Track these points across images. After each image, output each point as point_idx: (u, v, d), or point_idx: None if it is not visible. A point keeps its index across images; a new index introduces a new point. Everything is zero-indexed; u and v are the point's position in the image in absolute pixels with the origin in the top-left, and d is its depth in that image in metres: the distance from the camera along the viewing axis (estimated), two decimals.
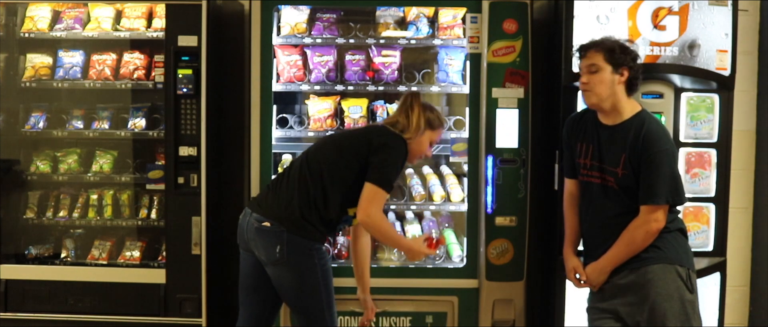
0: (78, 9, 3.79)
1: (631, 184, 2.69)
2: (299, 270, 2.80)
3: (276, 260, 2.77)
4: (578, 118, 2.96)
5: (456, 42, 3.65)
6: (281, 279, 2.82)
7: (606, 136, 2.77)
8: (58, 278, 3.64)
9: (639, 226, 2.67)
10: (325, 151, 2.88)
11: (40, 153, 3.89)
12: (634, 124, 2.71)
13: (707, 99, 3.44)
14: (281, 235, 2.76)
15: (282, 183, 2.88)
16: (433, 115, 2.97)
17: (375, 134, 2.87)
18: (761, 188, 3.95)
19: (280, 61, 3.66)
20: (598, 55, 2.71)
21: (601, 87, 2.71)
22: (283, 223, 2.77)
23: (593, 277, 2.81)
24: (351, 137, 2.96)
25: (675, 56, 3.35)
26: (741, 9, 3.47)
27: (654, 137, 2.66)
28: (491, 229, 3.52)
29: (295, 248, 2.78)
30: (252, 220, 2.83)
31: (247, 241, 2.87)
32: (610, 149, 2.74)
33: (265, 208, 2.84)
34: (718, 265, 3.48)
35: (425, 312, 3.60)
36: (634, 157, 2.67)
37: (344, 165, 2.82)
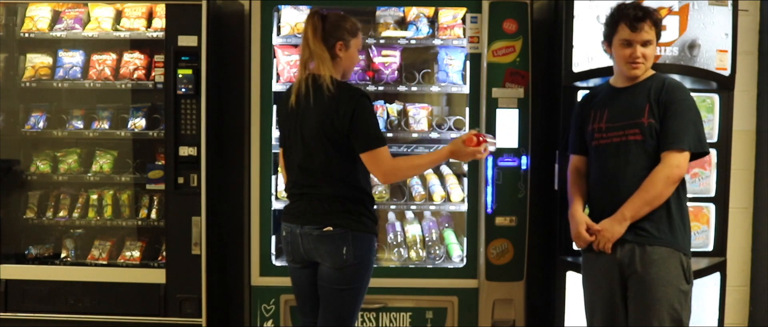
0: (78, 9, 3.79)
1: (655, 134, 2.66)
2: (362, 270, 2.71)
3: (342, 263, 2.66)
4: (591, 93, 2.95)
5: (456, 42, 3.65)
6: (338, 280, 2.69)
7: (625, 95, 2.75)
8: (58, 278, 3.64)
9: (660, 170, 2.62)
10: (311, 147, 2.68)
11: (40, 153, 3.89)
12: (655, 80, 2.73)
13: (707, 99, 3.43)
14: (346, 236, 2.66)
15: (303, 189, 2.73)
16: (349, 23, 2.76)
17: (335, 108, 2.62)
18: (761, 188, 3.95)
19: (280, 61, 3.66)
20: (652, 31, 2.71)
21: (650, 62, 2.74)
22: (345, 222, 2.66)
23: (608, 228, 2.68)
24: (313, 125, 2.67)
25: (675, 56, 3.35)
26: (741, 9, 3.47)
27: (678, 86, 2.71)
28: (491, 229, 3.52)
29: (360, 247, 2.69)
30: (306, 231, 2.70)
31: (305, 253, 2.73)
32: (632, 103, 2.72)
33: (316, 216, 2.69)
34: (718, 265, 3.48)
35: (425, 308, 3.60)
36: (659, 106, 2.66)
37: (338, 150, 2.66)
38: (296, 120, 2.72)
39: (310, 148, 2.68)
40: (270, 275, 3.59)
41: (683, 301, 2.67)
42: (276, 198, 3.65)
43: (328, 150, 2.66)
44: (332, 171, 2.68)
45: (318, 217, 2.69)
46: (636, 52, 2.70)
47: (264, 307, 3.60)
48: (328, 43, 2.69)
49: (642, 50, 2.70)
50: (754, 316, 4.02)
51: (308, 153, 2.69)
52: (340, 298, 2.73)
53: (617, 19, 2.74)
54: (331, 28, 2.70)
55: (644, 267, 2.65)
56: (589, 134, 2.84)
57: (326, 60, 2.68)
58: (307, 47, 2.69)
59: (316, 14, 2.71)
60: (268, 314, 3.60)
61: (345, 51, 2.73)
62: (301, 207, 2.74)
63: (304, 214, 2.72)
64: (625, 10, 2.73)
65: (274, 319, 3.60)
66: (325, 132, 2.64)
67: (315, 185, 2.70)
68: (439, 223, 3.97)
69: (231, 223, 3.92)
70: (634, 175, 2.68)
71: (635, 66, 2.72)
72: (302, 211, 2.73)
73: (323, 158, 2.67)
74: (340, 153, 2.67)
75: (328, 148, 2.65)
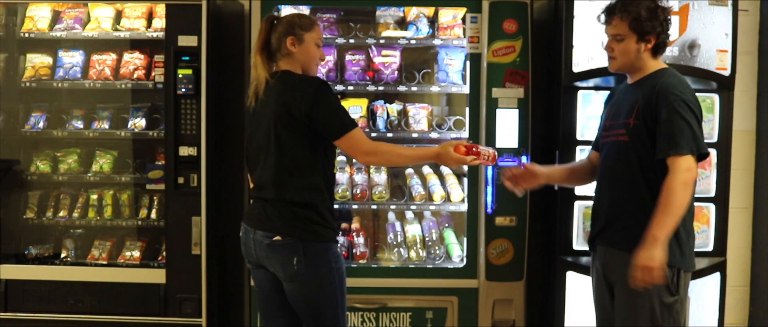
0: (78, 9, 3.79)
1: (642, 136, 2.50)
2: (318, 281, 2.61)
3: (294, 274, 2.58)
4: (614, 88, 2.87)
5: (456, 42, 3.65)
6: (299, 293, 2.62)
7: (625, 94, 2.65)
8: (58, 278, 3.64)
9: (673, 178, 2.40)
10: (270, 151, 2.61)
11: (40, 153, 3.89)
12: (653, 78, 2.56)
13: (707, 99, 3.43)
14: (295, 246, 2.57)
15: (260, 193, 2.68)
16: (299, 18, 2.71)
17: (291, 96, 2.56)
18: (761, 188, 3.95)
19: None
20: (624, 24, 2.54)
21: (624, 57, 2.58)
22: (295, 231, 2.58)
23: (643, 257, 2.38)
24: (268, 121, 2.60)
25: (675, 56, 3.35)
26: (741, 9, 3.47)
27: (669, 87, 2.48)
28: (491, 229, 3.52)
29: (312, 256, 2.59)
30: (258, 238, 2.64)
31: (257, 259, 2.69)
32: (626, 102, 2.61)
33: (267, 222, 2.62)
34: (718, 265, 3.48)
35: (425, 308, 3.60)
36: (649, 108, 2.49)
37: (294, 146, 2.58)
38: (252, 121, 2.69)
39: (264, 149, 2.62)
40: None
41: (663, 314, 2.49)
42: None
43: (282, 146, 2.57)
44: (285, 172, 2.58)
45: (268, 224, 2.61)
46: (608, 45, 2.63)
47: None
48: (280, 42, 2.64)
49: (611, 44, 2.60)
50: (754, 316, 4.02)
51: (263, 154, 2.63)
52: (315, 310, 2.65)
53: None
54: (281, 28, 2.66)
55: (620, 275, 2.53)
56: (601, 130, 2.80)
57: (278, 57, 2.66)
58: (254, 57, 2.69)
59: (266, 19, 2.71)
60: None
61: (298, 46, 2.65)
62: (256, 210, 2.68)
63: (258, 219, 2.65)
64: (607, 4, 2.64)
65: None
66: (282, 124, 2.55)
67: (267, 188, 2.62)
68: (439, 223, 3.97)
69: (231, 223, 3.92)
70: (613, 178, 2.61)
71: (610, 62, 2.64)
72: (256, 216, 2.67)
73: (276, 158, 2.58)
74: (296, 149, 2.57)
75: (283, 144, 2.56)
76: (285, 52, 2.66)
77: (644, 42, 2.55)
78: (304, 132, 2.56)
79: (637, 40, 2.55)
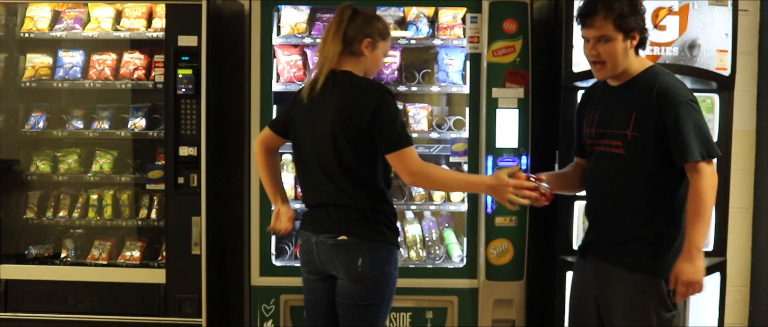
0: (78, 9, 3.79)
1: (643, 149, 2.37)
2: (378, 285, 2.54)
3: (357, 276, 2.50)
4: (590, 88, 2.70)
5: (456, 42, 3.65)
6: (356, 295, 2.53)
7: (612, 98, 2.48)
8: (58, 278, 3.64)
9: (701, 185, 2.29)
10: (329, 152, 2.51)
11: (40, 153, 3.88)
12: (644, 80, 2.42)
13: (707, 99, 3.43)
14: (362, 246, 2.51)
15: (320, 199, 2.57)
16: (381, 23, 2.61)
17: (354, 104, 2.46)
18: (761, 188, 3.95)
19: (280, 61, 3.66)
20: (608, 24, 2.36)
21: (614, 59, 2.39)
22: (361, 231, 2.51)
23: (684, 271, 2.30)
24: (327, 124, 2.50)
25: (675, 56, 3.35)
26: (741, 9, 3.47)
27: (669, 90, 2.35)
28: (491, 229, 3.52)
29: (377, 259, 2.52)
30: (321, 239, 2.55)
31: (321, 264, 2.58)
32: (617, 110, 2.43)
33: (331, 223, 2.54)
34: (718, 265, 3.48)
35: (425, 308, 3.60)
36: (649, 116, 2.35)
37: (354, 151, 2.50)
38: (308, 121, 2.56)
39: (323, 152, 2.51)
40: (270, 275, 3.59)
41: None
42: None
43: (343, 152, 2.48)
44: (347, 176, 2.50)
45: (334, 225, 2.53)
46: (592, 49, 2.42)
47: (264, 307, 3.60)
48: (356, 39, 2.53)
49: (598, 48, 2.40)
50: (754, 316, 4.02)
51: (322, 157, 2.52)
52: (362, 316, 2.57)
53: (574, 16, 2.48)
54: (361, 22, 2.54)
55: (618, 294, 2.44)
56: (585, 137, 2.61)
57: (347, 53, 2.54)
58: (326, 41, 2.54)
59: (347, 8, 2.55)
60: (268, 314, 3.60)
61: (371, 50, 2.56)
62: (318, 215, 2.58)
63: (320, 222, 2.57)
64: (581, 6, 2.45)
65: (274, 319, 3.60)
66: (342, 131, 2.47)
67: (332, 194, 2.53)
68: (439, 223, 3.97)
69: (231, 223, 3.92)
70: (607, 192, 2.47)
71: (595, 67, 2.46)
72: (319, 219, 2.58)
73: (336, 163, 2.49)
74: (358, 155, 2.49)
75: (344, 150, 2.48)
76: (356, 52, 2.55)
77: (630, 39, 2.41)
78: (361, 139, 2.48)
79: (623, 39, 2.39)
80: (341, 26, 2.52)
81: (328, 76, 2.52)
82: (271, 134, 2.73)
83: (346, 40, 2.52)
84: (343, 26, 2.52)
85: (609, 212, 2.49)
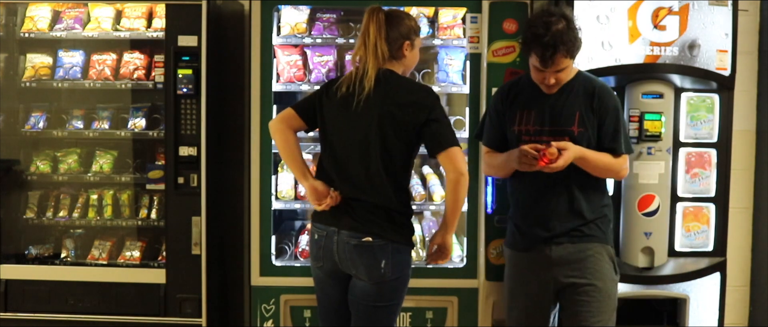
0: (78, 9, 3.79)
1: (588, 142, 2.75)
2: (397, 286, 2.60)
3: (379, 277, 2.54)
4: (511, 86, 2.93)
5: (456, 42, 3.65)
6: (376, 295, 2.58)
7: (555, 99, 2.78)
8: (58, 278, 3.64)
9: (618, 163, 2.78)
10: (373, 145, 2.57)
11: (40, 153, 3.89)
12: (581, 83, 2.80)
13: (707, 99, 3.44)
14: (386, 248, 2.55)
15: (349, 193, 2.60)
16: (411, 20, 2.70)
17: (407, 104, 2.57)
18: (761, 188, 3.95)
19: (280, 61, 3.66)
20: (567, 59, 2.68)
21: (566, 79, 2.78)
22: (386, 232, 2.55)
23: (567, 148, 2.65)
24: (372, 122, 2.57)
25: (675, 56, 3.35)
26: (741, 9, 3.47)
27: (608, 92, 2.81)
28: (491, 229, 3.52)
29: (399, 261, 2.58)
30: (344, 238, 2.56)
31: (340, 262, 2.60)
32: (561, 109, 2.77)
33: (356, 222, 2.56)
34: (718, 265, 3.48)
35: (425, 308, 3.60)
36: (591, 113, 2.75)
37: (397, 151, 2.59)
38: (348, 116, 2.60)
39: (363, 147, 2.57)
40: (270, 275, 3.59)
41: (614, 290, 2.84)
42: (276, 198, 3.65)
43: (387, 149, 2.55)
44: (384, 173, 2.56)
45: (358, 223, 2.56)
46: (548, 79, 2.72)
47: (264, 307, 3.60)
48: (397, 42, 2.62)
49: (555, 76, 2.71)
50: (754, 316, 4.02)
51: (359, 152, 2.57)
52: (377, 316, 2.60)
53: (529, 45, 2.68)
54: (397, 24, 2.63)
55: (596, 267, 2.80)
56: (515, 135, 2.84)
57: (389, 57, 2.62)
58: (366, 44, 2.59)
59: (380, 11, 2.62)
60: (268, 314, 3.60)
61: (411, 50, 2.67)
62: (342, 210, 2.60)
63: (343, 219, 2.59)
64: (536, 39, 2.63)
65: (274, 319, 3.60)
66: (391, 127, 2.54)
67: (362, 188, 2.57)
68: (439, 223, 3.96)
69: (231, 223, 3.92)
70: (566, 183, 2.77)
71: (550, 89, 2.77)
72: (342, 215, 2.59)
73: (377, 160, 2.55)
74: (399, 152, 2.58)
75: (389, 147, 2.55)
76: (397, 55, 2.64)
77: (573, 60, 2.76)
78: (409, 137, 2.58)
79: (572, 61, 2.74)
80: (382, 30, 2.59)
81: (371, 75, 2.57)
82: (294, 115, 2.72)
83: (389, 42, 2.60)
84: (383, 30, 2.59)
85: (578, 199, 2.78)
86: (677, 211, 3.45)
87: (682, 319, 3.46)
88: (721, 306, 3.50)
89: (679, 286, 3.42)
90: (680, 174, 3.44)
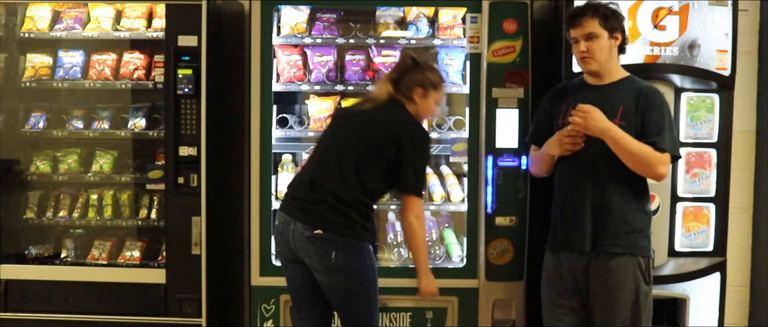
0: (78, 9, 3.79)
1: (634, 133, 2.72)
2: (353, 274, 2.79)
3: (331, 266, 2.74)
4: (562, 87, 3.01)
5: (456, 42, 3.65)
6: (334, 284, 2.80)
7: (599, 93, 2.78)
8: (58, 278, 3.64)
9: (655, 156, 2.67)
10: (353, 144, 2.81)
11: (40, 153, 3.89)
12: (630, 83, 2.80)
13: (707, 99, 3.44)
14: (336, 242, 2.74)
15: (316, 183, 2.80)
16: (434, 75, 2.94)
17: (401, 128, 2.79)
18: (761, 188, 3.95)
19: (280, 61, 3.66)
20: (594, 22, 2.72)
21: (601, 53, 2.75)
22: (335, 228, 2.74)
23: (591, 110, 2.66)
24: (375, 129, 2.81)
25: (675, 56, 3.35)
26: (741, 9, 3.46)
27: (655, 91, 2.77)
28: (491, 229, 3.52)
29: (350, 252, 2.76)
30: (299, 229, 2.78)
31: (293, 251, 2.83)
32: (607, 101, 2.74)
33: (311, 216, 2.77)
34: (718, 265, 3.48)
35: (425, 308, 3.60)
36: (635, 108, 2.71)
37: (373, 160, 2.79)
38: (345, 121, 2.91)
39: (339, 152, 2.79)
40: (270, 275, 3.59)
41: (643, 302, 2.77)
42: (276, 198, 3.65)
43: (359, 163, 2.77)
44: (348, 177, 2.77)
45: (310, 218, 2.77)
46: (580, 46, 2.75)
47: (264, 307, 3.60)
48: (410, 87, 2.87)
49: (586, 44, 2.73)
50: (754, 316, 4.02)
51: (334, 155, 2.80)
52: (350, 300, 2.82)
53: (563, 20, 2.82)
54: (417, 71, 2.89)
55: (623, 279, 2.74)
56: (559, 128, 2.85)
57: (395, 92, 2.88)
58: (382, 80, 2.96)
59: (409, 56, 2.95)
60: (268, 314, 3.60)
61: (422, 98, 2.89)
62: (300, 204, 2.82)
63: (300, 211, 2.80)
64: (568, 10, 2.80)
65: (274, 319, 3.60)
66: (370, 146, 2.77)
67: (324, 187, 2.78)
68: (439, 223, 3.97)
69: (231, 223, 3.92)
70: (601, 179, 2.74)
71: (584, 61, 2.78)
72: (299, 208, 2.81)
73: (347, 167, 2.77)
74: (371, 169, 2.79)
75: (362, 163, 2.77)
76: (408, 97, 2.88)
77: (613, 39, 2.76)
78: (384, 162, 2.79)
79: (607, 37, 2.74)
80: (396, 72, 2.93)
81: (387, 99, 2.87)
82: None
83: (399, 85, 2.89)
84: (397, 72, 2.93)
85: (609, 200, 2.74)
86: (677, 211, 3.45)
87: (682, 319, 3.46)
88: (721, 306, 3.50)
89: (679, 286, 3.42)
90: (680, 174, 3.44)
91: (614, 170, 2.71)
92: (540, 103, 3.06)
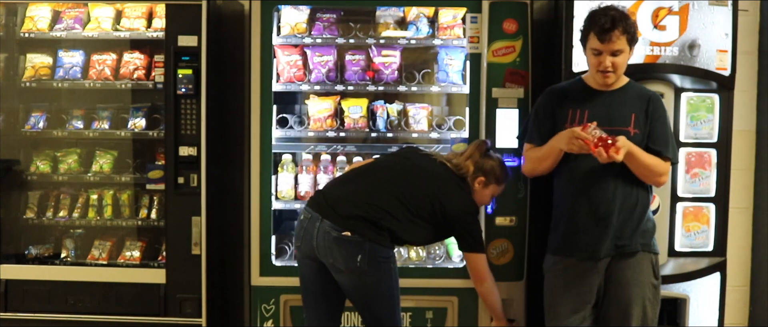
0: (78, 9, 3.79)
1: (640, 145, 2.77)
2: (378, 277, 2.83)
3: (357, 269, 2.77)
4: (561, 88, 3.00)
5: (456, 42, 3.65)
6: (358, 286, 2.84)
7: (611, 99, 2.83)
8: (58, 278, 3.64)
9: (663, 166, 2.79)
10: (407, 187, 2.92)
11: (40, 153, 3.89)
12: (634, 89, 2.87)
13: (707, 99, 3.43)
14: (363, 245, 2.77)
15: (359, 190, 2.90)
16: (499, 170, 3.09)
17: (448, 200, 2.91)
18: (761, 188, 3.95)
19: (280, 61, 3.66)
20: (623, 39, 2.72)
21: (623, 69, 2.80)
22: (365, 233, 2.78)
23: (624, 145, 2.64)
24: (421, 191, 2.92)
25: (675, 56, 3.35)
26: (741, 9, 3.46)
27: (659, 99, 2.87)
28: (491, 229, 3.52)
29: (375, 256, 2.80)
30: (325, 228, 2.80)
31: (314, 249, 2.84)
32: (619, 110, 2.81)
33: (342, 216, 2.81)
34: (718, 265, 3.47)
35: (425, 308, 3.60)
36: (644, 115, 2.79)
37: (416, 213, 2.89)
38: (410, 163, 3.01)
39: (393, 191, 2.88)
40: (270, 275, 3.59)
41: (656, 296, 2.89)
42: (276, 198, 3.65)
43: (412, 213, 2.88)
44: (392, 217, 2.84)
45: (341, 220, 2.79)
46: (605, 61, 2.75)
47: (264, 307, 3.60)
48: (475, 175, 3.03)
49: (611, 59, 2.74)
50: (754, 316, 4.02)
51: (388, 189, 2.89)
52: (375, 302, 2.87)
53: (588, 27, 2.78)
54: (484, 162, 3.05)
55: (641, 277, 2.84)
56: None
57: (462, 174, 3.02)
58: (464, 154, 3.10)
59: (485, 144, 3.13)
60: (268, 314, 3.60)
61: (481, 188, 3.05)
62: (333, 204, 2.85)
63: (330, 211, 2.82)
64: (596, 18, 2.74)
65: (274, 319, 3.60)
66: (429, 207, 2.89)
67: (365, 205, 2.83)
68: None
69: (231, 223, 3.92)
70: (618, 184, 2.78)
71: (605, 75, 2.78)
72: (330, 207, 2.84)
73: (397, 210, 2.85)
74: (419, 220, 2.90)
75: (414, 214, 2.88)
76: (471, 180, 3.03)
77: (631, 52, 2.81)
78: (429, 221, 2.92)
79: (629, 51, 2.79)
80: (475, 153, 3.08)
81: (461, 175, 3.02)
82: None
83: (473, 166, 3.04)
84: (479, 151, 3.09)
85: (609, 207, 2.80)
86: (677, 211, 3.45)
87: (682, 319, 3.46)
88: (721, 306, 3.50)
89: (679, 286, 3.42)
90: (680, 174, 3.44)
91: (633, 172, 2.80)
92: (539, 103, 3.04)
